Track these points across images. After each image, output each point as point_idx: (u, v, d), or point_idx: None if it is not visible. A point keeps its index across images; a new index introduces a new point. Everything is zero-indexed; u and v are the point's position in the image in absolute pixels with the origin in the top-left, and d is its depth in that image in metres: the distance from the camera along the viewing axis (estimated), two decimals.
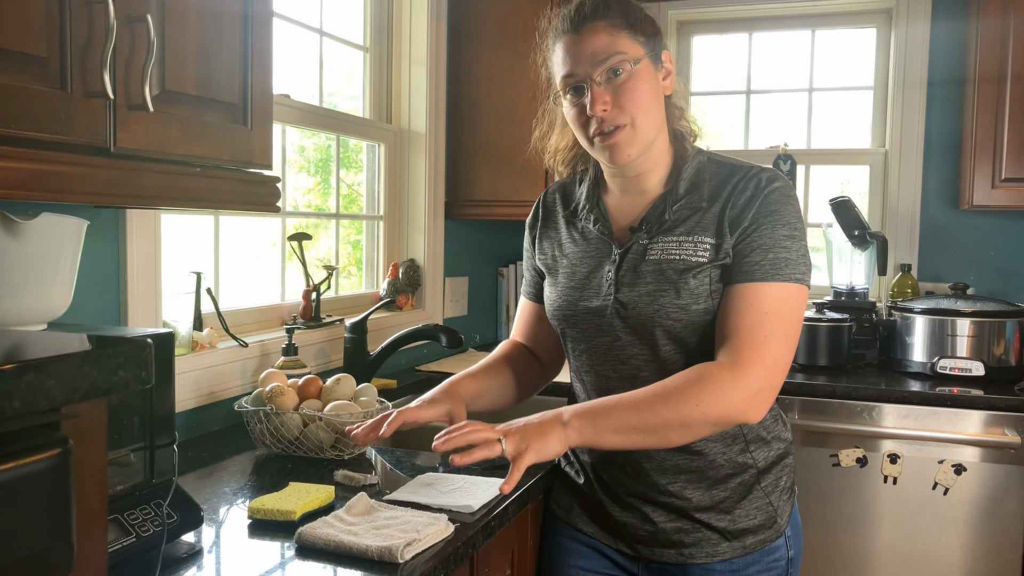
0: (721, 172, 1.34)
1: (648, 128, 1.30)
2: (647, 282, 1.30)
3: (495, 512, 1.31)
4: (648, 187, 1.37)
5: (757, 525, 1.34)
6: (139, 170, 1.09)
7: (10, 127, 0.91)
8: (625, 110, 1.27)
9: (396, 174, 2.65)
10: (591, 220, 1.40)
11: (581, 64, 1.28)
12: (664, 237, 1.32)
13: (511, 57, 2.68)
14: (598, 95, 1.27)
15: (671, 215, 1.32)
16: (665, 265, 1.30)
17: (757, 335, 1.22)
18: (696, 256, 1.28)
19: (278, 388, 1.60)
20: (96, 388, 0.59)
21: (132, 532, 1.07)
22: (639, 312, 1.30)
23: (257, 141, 1.29)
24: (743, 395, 1.20)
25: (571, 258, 1.41)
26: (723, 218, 1.29)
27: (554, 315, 1.42)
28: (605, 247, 1.37)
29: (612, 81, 1.27)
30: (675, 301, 1.28)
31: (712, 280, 1.28)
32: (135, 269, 1.54)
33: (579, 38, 1.28)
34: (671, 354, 1.31)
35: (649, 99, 1.29)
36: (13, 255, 1.06)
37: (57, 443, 0.57)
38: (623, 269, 1.33)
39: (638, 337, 1.32)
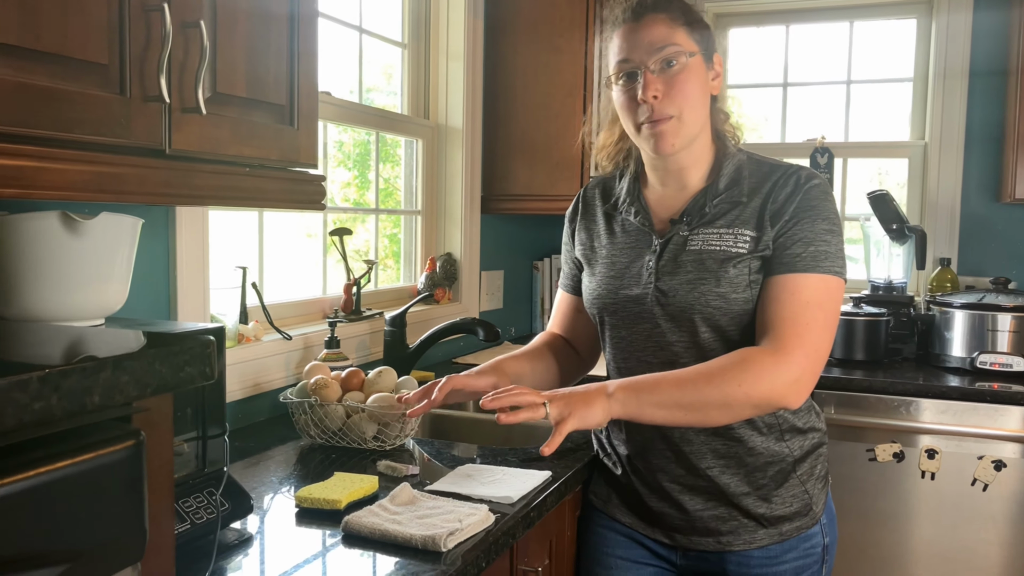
0: (760, 169, 1.38)
1: (694, 122, 1.34)
2: (687, 271, 1.34)
3: (534, 503, 1.34)
4: (688, 182, 1.40)
5: (793, 512, 1.36)
6: (192, 170, 1.13)
7: (74, 132, 0.95)
8: (675, 101, 1.31)
9: (433, 169, 2.68)
10: (632, 212, 1.43)
11: (637, 51, 1.32)
12: (705, 229, 1.36)
13: (547, 52, 2.70)
14: (650, 82, 1.31)
15: (712, 208, 1.36)
16: (705, 255, 1.33)
17: (799, 323, 1.26)
18: (736, 247, 1.32)
19: (322, 380, 1.64)
20: (165, 383, 0.63)
21: (187, 519, 1.11)
22: (679, 300, 1.34)
23: (303, 141, 1.32)
24: (784, 379, 1.24)
25: (611, 248, 1.45)
26: (764, 212, 1.33)
27: (593, 303, 1.45)
28: (645, 238, 1.41)
29: (665, 71, 1.31)
30: (715, 289, 1.31)
31: (751, 270, 1.32)
32: (184, 265, 1.59)
33: (638, 26, 1.33)
34: (710, 341, 1.34)
35: (698, 94, 1.33)
36: (74, 253, 1.10)
37: (131, 435, 0.61)
38: (664, 259, 1.37)
39: (677, 324, 1.35)
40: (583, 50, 2.66)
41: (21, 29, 0.88)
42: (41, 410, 0.53)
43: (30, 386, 0.52)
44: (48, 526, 0.56)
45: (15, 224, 1.08)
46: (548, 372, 1.57)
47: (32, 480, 0.54)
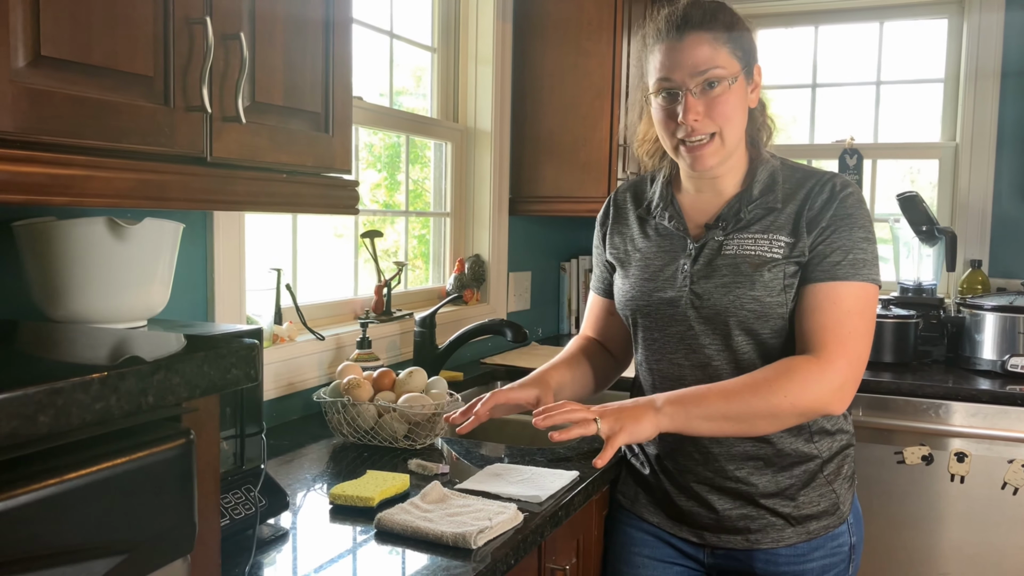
0: (794, 176, 1.40)
1: (732, 140, 1.36)
2: (723, 275, 1.36)
3: (562, 502, 1.36)
4: (723, 188, 1.42)
5: (821, 511, 1.38)
6: (231, 177, 1.16)
7: (121, 141, 0.99)
8: (715, 121, 1.33)
9: (462, 171, 2.72)
10: (666, 216, 1.45)
11: (678, 71, 1.32)
12: (740, 234, 1.38)
13: (575, 55, 2.72)
14: (691, 105, 1.32)
15: (747, 214, 1.38)
16: (740, 260, 1.36)
17: (841, 331, 1.29)
18: (771, 252, 1.35)
19: (355, 380, 1.67)
20: (213, 385, 0.66)
21: (226, 515, 1.15)
22: (714, 303, 1.36)
23: (338, 147, 1.36)
24: (829, 387, 1.28)
25: (644, 252, 1.47)
26: (800, 218, 1.35)
27: (626, 305, 1.47)
28: (680, 242, 1.43)
29: (706, 93, 1.32)
30: (749, 292, 1.34)
31: (786, 275, 1.34)
32: (221, 268, 1.63)
33: (681, 45, 1.32)
34: (742, 344, 1.36)
35: (738, 113, 1.35)
36: (119, 257, 1.15)
37: (181, 434, 0.64)
38: (699, 263, 1.39)
39: (711, 327, 1.37)
40: (611, 52, 2.68)
41: (73, 45, 0.92)
42: (101, 410, 0.57)
43: (92, 388, 0.56)
44: (107, 519, 0.59)
45: (63, 229, 1.12)
46: (585, 377, 1.59)
47: (93, 476, 0.57)
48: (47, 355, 0.78)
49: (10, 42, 0.86)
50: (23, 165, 0.89)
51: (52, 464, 0.56)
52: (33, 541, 0.54)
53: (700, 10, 1.34)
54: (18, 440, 0.51)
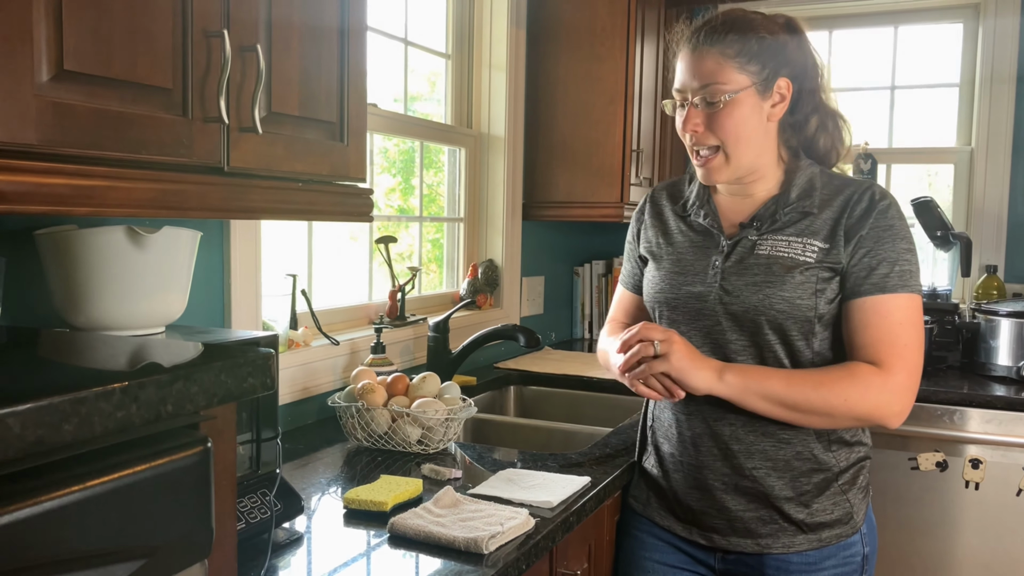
0: (832, 183, 1.42)
1: (742, 156, 1.38)
2: (754, 273, 1.38)
3: (574, 508, 1.37)
4: (756, 192, 1.45)
5: (834, 520, 1.39)
6: (248, 186, 1.18)
7: (140, 152, 1.01)
8: (715, 135, 1.36)
9: (476, 177, 2.73)
10: (701, 214, 1.48)
11: (686, 81, 1.38)
12: (774, 236, 1.40)
13: (588, 61, 2.73)
14: (691, 116, 1.37)
15: (782, 216, 1.40)
16: (773, 260, 1.38)
17: (898, 343, 1.32)
18: (804, 256, 1.37)
19: (369, 385, 1.69)
20: (230, 393, 0.68)
21: (242, 519, 1.17)
22: (743, 300, 1.38)
23: (353, 156, 1.37)
24: (888, 398, 1.31)
25: (678, 247, 1.49)
26: (837, 226, 1.37)
27: (655, 297, 1.49)
28: (713, 239, 1.45)
29: (709, 106, 1.35)
30: (779, 293, 1.36)
31: (818, 280, 1.36)
32: (238, 274, 1.65)
33: (692, 56, 1.38)
34: (770, 343, 1.38)
35: (745, 129, 1.36)
36: (138, 265, 1.17)
37: (199, 442, 0.66)
38: (731, 259, 1.41)
39: (738, 324, 1.39)
40: (624, 58, 2.69)
41: (95, 59, 0.94)
42: (122, 419, 0.58)
43: (113, 397, 0.57)
44: (128, 524, 0.61)
45: (84, 238, 1.15)
46: None
47: (114, 483, 0.59)
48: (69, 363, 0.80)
49: (34, 57, 0.88)
50: (46, 176, 0.92)
51: (75, 471, 0.57)
52: (58, 545, 0.55)
53: (715, 25, 1.36)
54: (43, 448, 0.53)
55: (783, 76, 1.37)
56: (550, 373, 2.48)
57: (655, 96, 2.89)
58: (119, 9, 0.97)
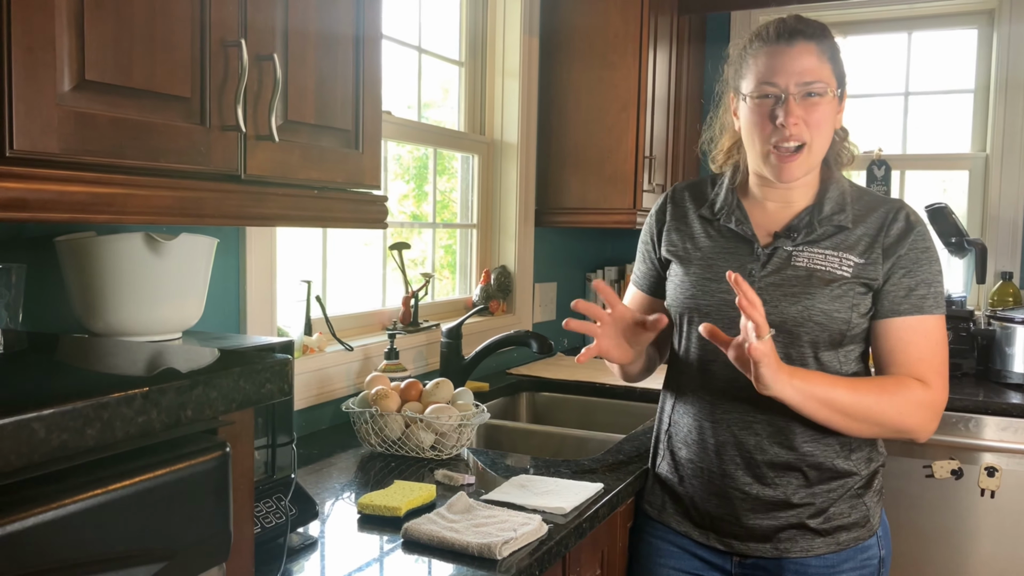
0: (863, 199, 1.44)
1: (820, 154, 1.41)
2: (792, 285, 1.39)
3: (586, 514, 1.38)
4: (792, 200, 1.45)
5: (851, 523, 1.40)
6: (264, 194, 1.20)
7: (159, 160, 1.03)
8: (810, 130, 1.36)
9: (489, 183, 2.74)
10: (732, 220, 1.46)
11: (783, 75, 1.35)
12: (810, 247, 1.41)
13: (600, 68, 2.74)
14: (793, 108, 1.35)
15: (818, 228, 1.41)
16: (811, 272, 1.38)
17: (935, 363, 1.37)
18: (840, 270, 1.38)
19: (383, 391, 1.70)
20: (248, 399, 0.69)
21: (257, 523, 1.18)
22: (782, 311, 1.38)
23: (367, 163, 1.39)
24: (930, 415, 1.36)
25: (707, 251, 1.48)
26: (875, 243, 1.39)
27: (684, 303, 1.47)
28: (746, 246, 1.44)
29: (807, 101, 1.35)
30: (819, 306, 1.36)
31: (854, 295, 1.37)
32: (253, 280, 1.67)
33: (789, 50, 1.36)
34: (803, 355, 1.38)
35: (829, 128, 1.40)
36: (156, 271, 1.18)
37: (218, 446, 0.67)
38: (767, 269, 1.41)
39: None
40: (637, 65, 2.69)
41: (115, 69, 0.96)
42: (143, 423, 0.59)
43: (135, 402, 0.58)
44: (147, 528, 0.62)
45: (102, 244, 1.16)
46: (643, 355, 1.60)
47: (135, 487, 0.60)
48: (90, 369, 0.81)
49: (56, 67, 0.90)
50: (67, 185, 0.93)
51: (97, 475, 0.58)
52: (80, 548, 0.56)
53: (809, 23, 1.38)
54: (67, 452, 0.54)
55: (845, 87, 1.42)
56: (562, 379, 2.49)
57: (668, 103, 2.90)
58: (139, 20, 0.98)
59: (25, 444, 0.51)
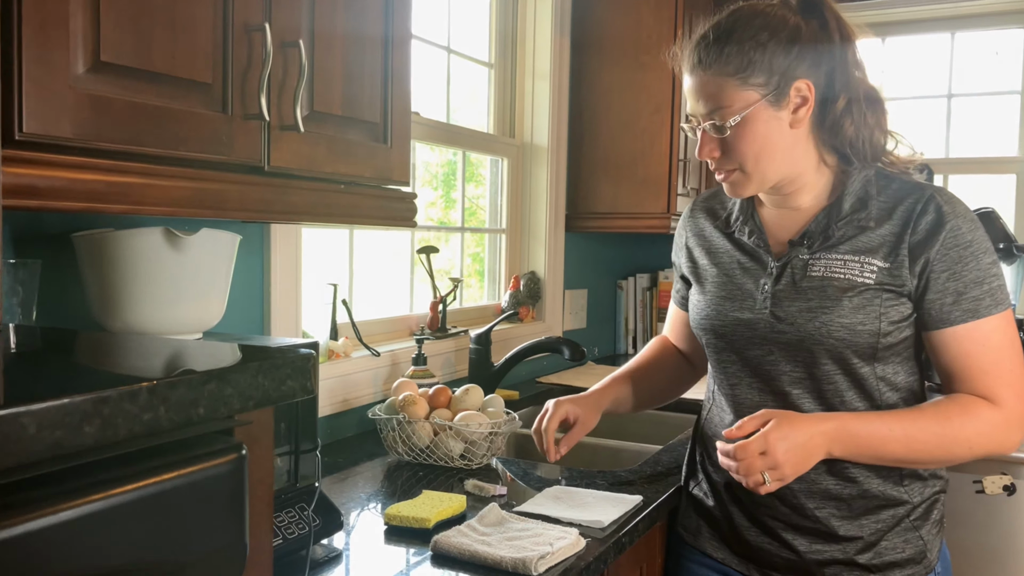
0: (889, 189, 1.28)
1: (767, 171, 1.26)
2: (808, 298, 1.26)
3: (626, 528, 1.30)
4: (801, 203, 1.32)
5: (905, 559, 1.28)
6: (289, 187, 1.14)
7: (179, 149, 0.97)
8: (732, 159, 1.26)
9: (518, 187, 2.68)
10: (745, 232, 1.36)
11: (691, 107, 1.28)
12: (827, 254, 1.27)
13: (633, 70, 2.67)
14: (704, 142, 1.27)
15: (835, 231, 1.27)
16: (828, 283, 1.25)
17: (1002, 371, 1.22)
18: (862, 277, 1.24)
19: (410, 397, 1.64)
20: (267, 397, 0.62)
21: (279, 534, 1.12)
22: (798, 328, 1.26)
23: (396, 159, 1.33)
24: (1008, 433, 1.23)
25: (722, 268, 1.38)
26: (899, 243, 1.23)
27: (700, 324, 1.39)
28: (760, 260, 1.34)
29: (718, 130, 1.24)
30: (839, 320, 1.24)
31: (882, 303, 1.23)
32: (278, 282, 1.61)
33: (690, 80, 1.27)
34: (829, 373, 1.26)
35: (764, 145, 1.24)
36: (176, 268, 1.13)
37: (233, 448, 0.61)
38: (781, 283, 1.30)
39: (792, 354, 1.28)
40: (670, 66, 2.62)
41: (135, 52, 0.91)
42: (150, 421, 0.53)
43: (140, 397, 0.52)
44: (154, 537, 0.56)
45: (120, 240, 1.11)
46: (651, 391, 1.58)
47: (140, 491, 0.54)
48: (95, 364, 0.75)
49: (70, 47, 0.85)
50: (81, 172, 0.88)
51: (98, 478, 0.52)
52: (78, 559, 0.50)
53: (709, 40, 1.23)
54: (62, 451, 0.48)
55: (799, 78, 1.22)
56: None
57: None
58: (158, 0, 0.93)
59: (13, 442, 0.45)
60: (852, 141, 1.27)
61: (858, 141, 1.27)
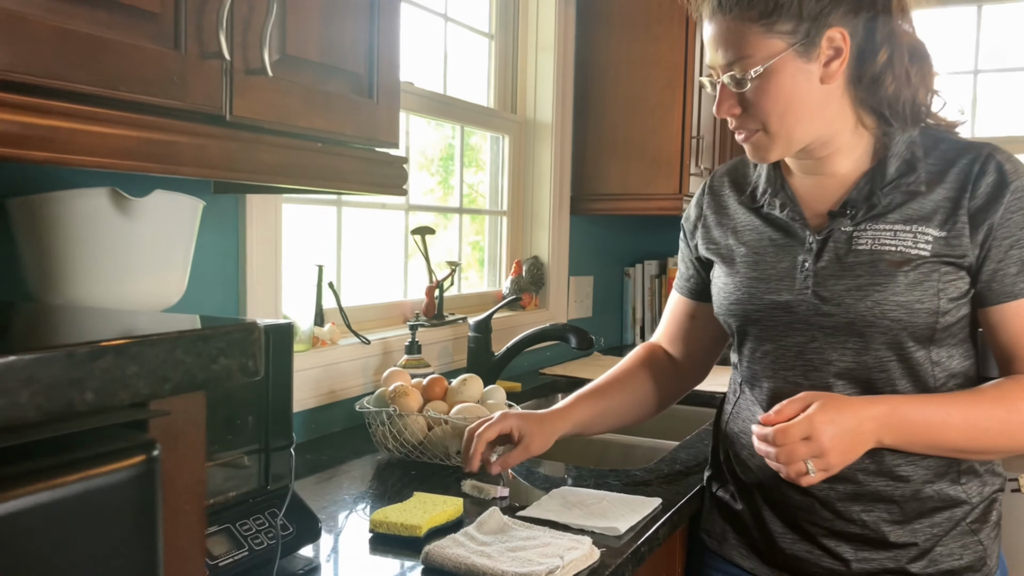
0: (938, 149, 1.13)
1: (793, 131, 1.11)
2: (856, 275, 1.11)
3: (645, 535, 1.14)
4: (838, 168, 1.17)
5: (963, 566, 1.13)
6: (257, 142, 0.98)
7: (119, 89, 0.81)
8: (755, 117, 1.11)
9: (520, 167, 2.52)
10: (776, 204, 1.20)
11: (710, 58, 1.14)
12: (874, 224, 1.12)
13: (643, 41, 2.51)
14: (723, 97, 1.13)
15: (881, 198, 1.12)
16: (878, 257, 1.10)
17: None
18: (916, 248, 1.09)
19: (402, 388, 1.48)
20: (191, 379, 0.47)
21: (244, 545, 0.96)
22: (846, 309, 1.11)
23: (383, 116, 1.17)
24: None
25: (752, 246, 1.22)
26: (957, 209, 1.09)
27: (730, 310, 1.23)
28: (796, 234, 1.18)
29: (739, 83, 1.10)
30: (893, 298, 1.08)
31: (940, 278, 1.09)
32: (255, 259, 1.46)
33: (710, 26, 1.12)
34: (882, 360, 1.11)
35: (790, 101, 1.09)
36: (125, 236, 0.97)
37: (140, 448, 0.45)
38: (823, 259, 1.14)
39: (840, 339, 1.12)
40: (683, 38, 2.46)
41: None
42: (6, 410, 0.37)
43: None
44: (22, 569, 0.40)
45: (60, 203, 0.95)
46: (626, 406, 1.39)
47: None
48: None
49: None
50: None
51: None
52: None
53: None
54: None
55: (833, 26, 1.08)
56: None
57: None
58: None
59: None
60: (891, 101, 1.13)
61: (898, 102, 1.13)
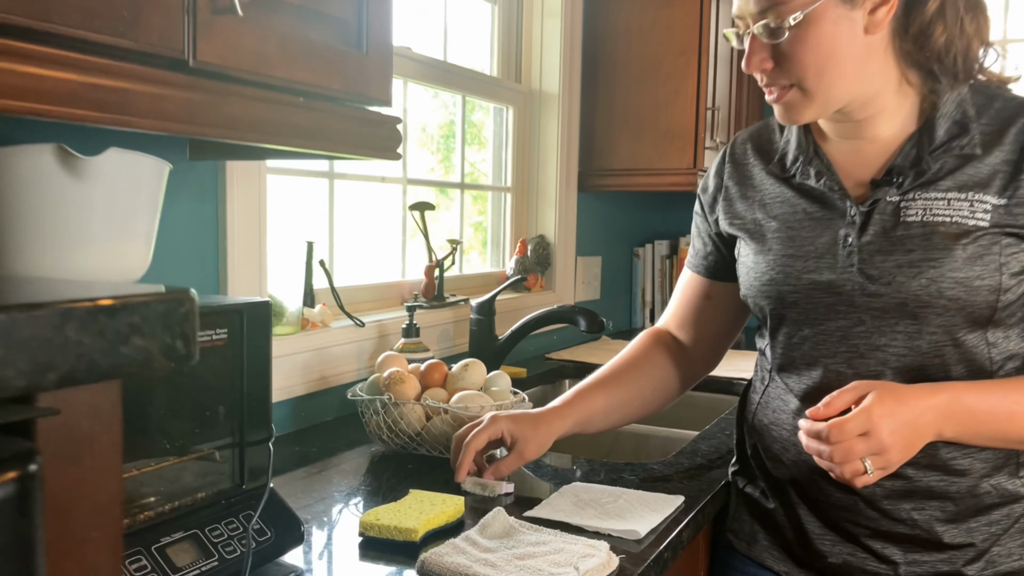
0: (991, 108, 1.01)
1: (831, 89, 1.00)
2: (907, 249, 0.99)
3: (668, 539, 1.02)
4: (880, 132, 1.05)
5: (1022, 568, 1.01)
6: (226, 93, 0.86)
7: (54, 22, 0.69)
8: (788, 72, 1.00)
9: (525, 141, 2.39)
10: (811, 172, 1.08)
11: (740, 5, 1.02)
12: (925, 193, 1.00)
13: (655, 7, 2.37)
14: (753, 50, 1.01)
15: (931, 164, 1.00)
16: (931, 229, 0.98)
17: None
18: (974, 219, 0.97)
19: (397, 374, 1.36)
20: (91, 366, 0.34)
21: (214, 553, 0.84)
22: (898, 288, 0.99)
23: (374, 70, 1.04)
24: None
25: (785, 220, 1.09)
26: (1019, 173, 0.98)
27: (762, 291, 1.10)
28: (835, 206, 1.06)
29: (773, 33, 0.98)
30: (951, 274, 0.96)
31: (1001, 251, 0.97)
32: (236, 233, 1.33)
33: None
34: (939, 345, 0.99)
35: (830, 54, 0.98)
36: (76, 200, 0.85)
37: (10, 461, 0.32)
38: (868, 233, 1.02)
39: (890, 321, 1.00)
40: (698, 2, 2.32)
41: None
42: None
43: None
44: None
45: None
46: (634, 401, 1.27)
47: None
48: None
49: None
50: None
51: None
52: None
53: None
54: None
55: None
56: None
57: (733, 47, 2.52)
58: None
59: None
60: (941, 55, 1.00)
61: (948, 56, 1.00)
